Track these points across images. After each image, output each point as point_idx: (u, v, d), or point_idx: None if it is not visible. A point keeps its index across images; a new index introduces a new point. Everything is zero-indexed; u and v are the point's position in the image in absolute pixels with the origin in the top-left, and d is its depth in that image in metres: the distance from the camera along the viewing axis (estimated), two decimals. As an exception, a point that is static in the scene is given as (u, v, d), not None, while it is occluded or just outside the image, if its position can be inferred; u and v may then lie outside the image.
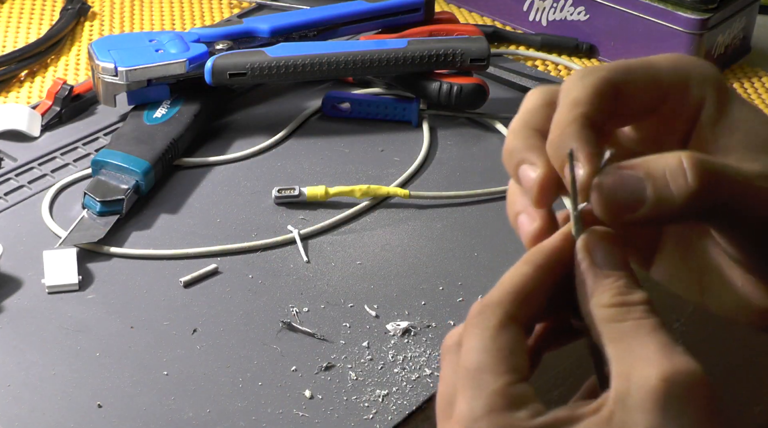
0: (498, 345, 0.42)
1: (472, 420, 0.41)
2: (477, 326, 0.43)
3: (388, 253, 0.90)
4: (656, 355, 0.40)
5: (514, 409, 0.41)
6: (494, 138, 1.04)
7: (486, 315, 0.43)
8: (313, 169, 0.99)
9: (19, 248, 0.88)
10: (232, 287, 0.86)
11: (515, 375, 0.41)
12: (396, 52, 1.01)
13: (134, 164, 0.93)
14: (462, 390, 0.42)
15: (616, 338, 0.41)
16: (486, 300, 0.43)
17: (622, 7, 1.15)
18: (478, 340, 0.42)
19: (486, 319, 0.43)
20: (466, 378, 0.42)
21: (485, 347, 0.42)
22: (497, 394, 0.41)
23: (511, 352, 0.42)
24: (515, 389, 0.41)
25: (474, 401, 0.41)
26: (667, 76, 0.46)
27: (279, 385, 0.77)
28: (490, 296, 0.44)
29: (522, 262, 0.45)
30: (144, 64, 0.99)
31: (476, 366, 0.42)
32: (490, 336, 0.42)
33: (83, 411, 0.75)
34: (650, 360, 0.40)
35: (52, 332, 0.81)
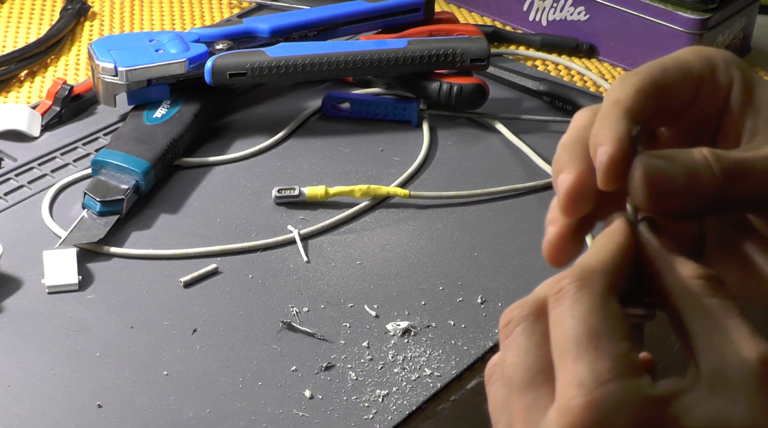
0: (610, 312, 0.41)
1: (599, 382, 0.39)
2: (583, 291, 0.41)
3: (388, 253, 0.90)
4: (751, 338, 0.40)
5: (638, 375, 0.40)
6: (494, 138, 1.04)
7: (592, 281, 0.42)
8: (313, 169, 0.99)
9: (19, 248, 0.88)
10: (232, 287, 0.86)
11: (629, 343, 0.41)
12: (396, 52, 1.01)
13: (134, 164, 0.93)
14: (574, 354, 0.40)
15: (704, 313, 0.41)
16: (586, 268, 0.42)
17: (622, 7, 1.15)
18: (588, 305, 0.41)
19: (594, 284, 0.41)
20: (578, 342, 0.40)
21: (597, 312, 0.41)
22: (621, 358, 0.40)
23: (621, 320, 0.41)
24: (634, 357, 0.40)
25: (598, 363, 0.39)
26: (697, 66, 0.47)
27: (279, 385, 0.77)
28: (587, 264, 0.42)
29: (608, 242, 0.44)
30: (144, 64, 0.99)
31: (592, 330, 0.40)
32: (600, 302, 0.41)
33: (83, 411, 0.75)
34: (746, 341, 0.40)
35: (52, 332, 0.81)
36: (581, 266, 0.42)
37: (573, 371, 0.40)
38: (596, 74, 1.16)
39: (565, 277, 0.42)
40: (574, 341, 0.40)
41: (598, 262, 0.43)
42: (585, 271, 0.42)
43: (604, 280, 0.42)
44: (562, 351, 0.41)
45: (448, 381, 0.78)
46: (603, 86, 1.14)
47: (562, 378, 0.40)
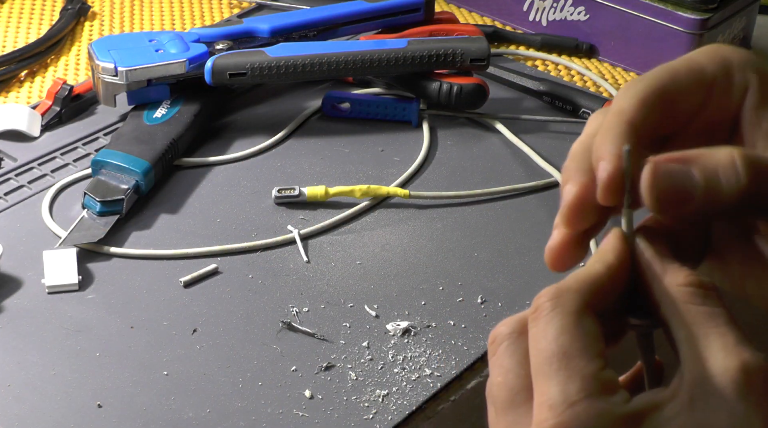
0: (583, 330, 0.41)
1: (568, 404, 0.40)
2: (556, 310, 0.42)
3: (388, 253, 0.90)
4: (735, 346, 0.40)
5: (608, 394, 0.40)
6: (494, 138, 1.04)
7: (565, 300, 0.42)
8: (313, 169, 0.99)
9: (19, 248, 0.88)
10: (232, 287, 0.86)
11: (603, 360, 0.41)
12: (396, 52, 1.01)
13: (134, 164, 0.93)
14: (546, 374, 0.40)
15: (690, 321, 0.41)
16: (559, 287, 0.42)
17: (622, 7, 1.15)
18: (559, 325, 0.41)
19: (566, 303, 0.42)
20: (549, 362, 0.41)
21: (569, 331, 0.41)
22: (592, 378, 0.40)
23: (595, 338, 0.41)
24: (606, 374, 0.40)
25: (567, 385, 0.40)
26: (710, 69, 0.46)
27: (279, 385, 0.77)
28: (564, 283, 0.43)
29: (594, 261, 0.44)
30: (144, 64, 0.99)
31: (563, 351, 0.41)
32: (573, 321, 0.41)
33: (83, 411, 0.75)
34: (729, 349, 0.40)
35: (52, 332, 0.81)
36: (557, 285, 0.43)
37: (545, 392, 0.40)
38: (596, 74, 1.16)
39: (542, 296, 0.42)
40: (547, 361, 0.41)
41: (575, 281, 0.43)
42: (559, 290, 0.42)
43: (578, 298, 0.42)
44: (536, 371, 0.41)
45: (448, 381, 0.78)
46: (603, 86, 1.14)
47: (537, 399, 0.41)
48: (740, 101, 0.46)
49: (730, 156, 0.43)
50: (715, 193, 0.42)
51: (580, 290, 0.42)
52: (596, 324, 0.42)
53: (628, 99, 0.45)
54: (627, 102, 0.45)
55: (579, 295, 0.42)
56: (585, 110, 1.06)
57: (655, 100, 0.45)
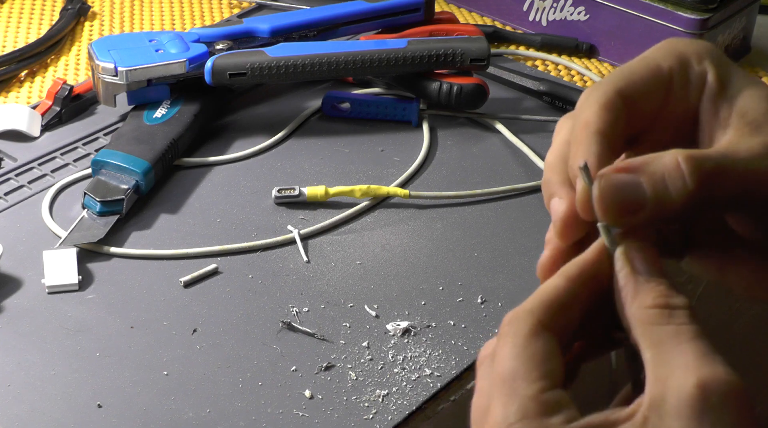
0: (530, 352, 0.42)
1: (506, 425, 0.41)
2: (509, 334, 0.43)
3: (388, 253, 0.90)
4: (695, 362, 0.40)
5: (547, 415, 0.41)
6: (494, 138, 1.04)
7: (518, 323, 0.43)
8: (313, 169, 0.99)
9: (19, 248, 0.88)
10: (232, 287, 0.86)
11: (548, 380, 0.41)
12: (396, 52, 1.01)
13: (134, 164, 0.93)
14: (496, 396, 0.42)
15: (654, 342, 0.41)
16: (517, 309, 0.44)
17: (622, 7, 1.15)
18: (510, 348, 0.42)
19: (517, 327, 0.43)
20: (499, 385, 0.42)
21: (517, 354, 0.42)
22: (530, 399, 0.41)
23: (543, 359, 0.42)
24: (549, 395, 0.41)
25: (507, 407, 0.41)
26: (666, 65, 0.47)
27: (279, 385, 0.77)
28: (521, 305, 0.44)
29: (556, 275, 0.45)
30: (144, 64, 0.99)
31: (509, 373, 0.42)
32: (521, 344, 0.42)
33: (83, 411, 0.75)
34: (688, 367, 0.40)
35: (52, 332, 0.81)
36: (516, 308, 0.44)
37: (492, 414, 0.41)
38: (596, 74, 1.16)
39: (504, 319, 0.43)
40: (498, 384, 0.42)
41: (530, 301, 0.44)
42: (515, 312, 0.43)
43: (529, 319, 0.43)
44: (490, 394, 0.42)
45: (448, 381, 0.78)
46: (603, 86, 1.14)
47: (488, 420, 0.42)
48: (699, 94, 0.47)
49: (674, 161, 0.43)
50: (664, 200, 0.43)
51: (532, 310, 0.43)
52: (549, 342, 0.42)
53: (591, 107, 0.46)
54: (590, 111, 0.46)
55: (531, 316, 0.43)
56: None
57: (617, 104, 0.46)
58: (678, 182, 0.43)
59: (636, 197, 0.43)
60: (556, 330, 0.43)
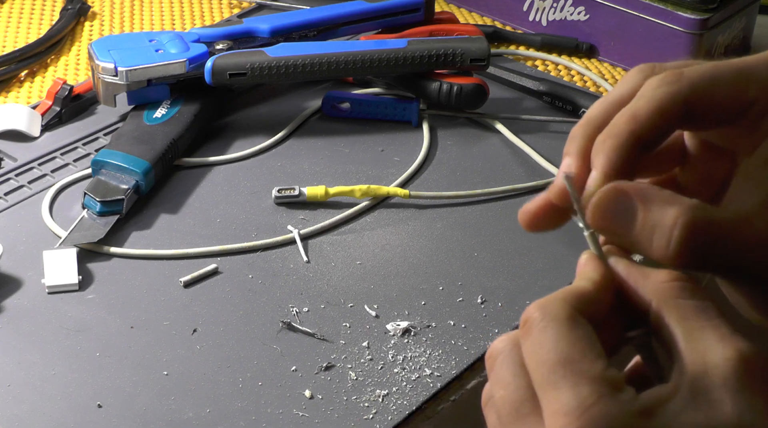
0: (577, 335, 0.41)
1: (584, 408, 0.39)
2: (545, 320, 0.42)
3: (388, 253, 0.90)
4: (731, 337, 0.40)
5: (617, 392, 0.40)
6: (494, 138, 1.04)
7: (554, 309, 0.42)
8: (313, 169, 0.99)
9: (19, 248, 0.88)
10: (232, 287, 0.86)
11: (605, 360, 0.41)
12: (396, 52, 1.01)
13: (134, 164, 0.93)
14: (553, 383, 0.40)
15: (682, 316, 0.41)
16: (546, 299, 0.43)
17: (622, 7, 1.15)
18: (553, 332, 0.41)
19: (555, 312, 0.42)
20: (553, 371, 0.40)
21: (563, 337, 0.41)
22: (600, 380, 0.40)
23: (591, 340, 0.41)
24: (611, 373, 0.40)
25: (578, 389, 0.40)
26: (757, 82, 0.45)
27: (279, 385, 0.77)
28: (549, 297, 0.43)
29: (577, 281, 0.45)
30: (144, 64, 0.99)
31: (564, 357, 0.40)
32: (566, 327, 0.41)
33: (83, 411, 0.75)
34: (727, 341, 0.40)
35: (52, 332, 0.81)
36: (543, 298, 0.43)
37: (557, 400, 0.40)
38: (596, 74, 1.16)
39: (529, 309, 0.43)
40: (550, 370, 0.41)
41: (560, 293, 0.43)
42: (546, 300, 0.43)
43: (565, 306, 0.42)
44: (540, 381, 0.41)
45: (448, 381, 0.78)
46: (603, 86, 1.14)
47: (548, 409, 0.40)
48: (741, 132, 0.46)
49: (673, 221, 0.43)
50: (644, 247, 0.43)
51: (566, 298, 0.43)
52: (587, 326, 0.42)
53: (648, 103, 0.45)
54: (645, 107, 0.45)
55: (566, 303, 0.42)
56: (585, 110, 1.06)
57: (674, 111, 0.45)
58: (662, 241, 0.43)
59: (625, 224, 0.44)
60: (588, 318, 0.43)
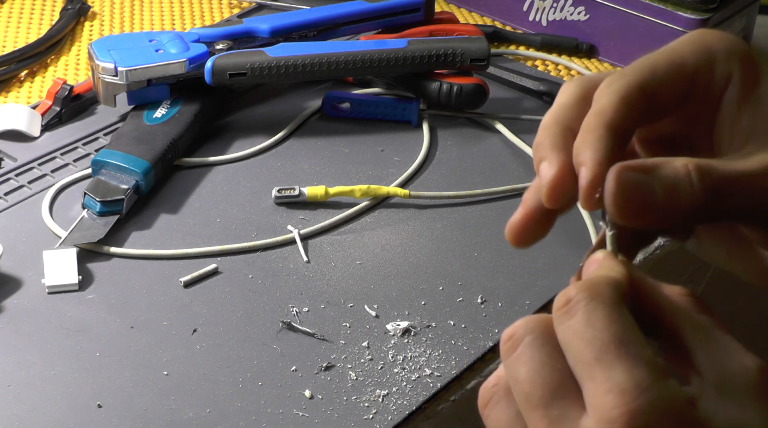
0: (626, 318, 0.40)
1: (640, 389, 0.38)
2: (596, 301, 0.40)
3: (388, 253, 0.90)
4: (746, 351, 0.40)
5: (668, 377, 0.39)
6: (494, 138, 1.04)
7: (602, 292, 0.41)
8: (313, 169, 0.99)
9: (19, 248, 0.88)
10: (232, 287, 0.86)
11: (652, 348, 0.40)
12: (396, 52, 1.01)
13: (134, 164, 0.93)
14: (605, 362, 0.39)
15: (699, 327, 0.41)
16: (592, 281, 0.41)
17: (622, 7, 1.15)
18: (604, 314, 0.40)
19: (604, 295, 0.41)
20: (606, 350, 0.39)
21: (616, 319, 0.40)
22: (654, 363, 0.39)
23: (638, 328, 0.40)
24: (661, 360, 0.40)
25: (634, 370, 0.39)
26: (692, 60, 0.46)
27: (279, 385, 0.77)
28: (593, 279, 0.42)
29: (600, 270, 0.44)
30: (144, 64, 0.99)
31: (618, 338, 0.39)
32: (617, 311, 0.40)
33: (83, 411, 0.75)
34: (744, 354, 0.40)
35: (52, 332, 0.81)
36: (585, 281, 0.42)
37: (609, 380, 0.39)
38: (596, 74, 1.16)
39: (571, 290, 0.41)
40: (602, 350, 0.39)
41: (602, 277, 0.42)
42: (592, 284, 0.41)
43: (613, 291, 0.41)
44: (588, 361, 0.39)
45: (448, 381, 0.78)
46: (603, 86, 1.14)
47: (596, 388, 0.39)
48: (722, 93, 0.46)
49: (685, 168, 0.43)
50: (673, 204, 0.43)
51: (611, 283, 0.41)
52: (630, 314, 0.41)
53: (609, 97, 0.45)
54: (608, 100, 0.45)
55: (613, 287, 0.41)
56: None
57: (637, 100, 0.45)
58: (687, 188, 0.42)
59: (648, 198, 0.43)
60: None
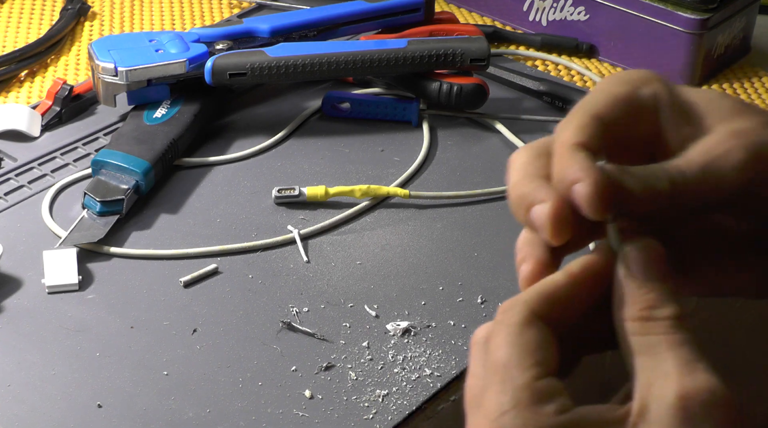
0: (523, 340, 0.42)
1: (500, 413, 0.41)
2: (503, 322, 0.43)
3: (388, 253, 0.90)
4: (676, 371, 0.40)
5: (540, 403, 0.41)
6: (494, 138, 1.04)
7: (513, 312, 0.43)
8: (313, 169, 0.99)
9: (19, 248, 0.88)
10: (232, 287, 0.86)
11: (541, 368, 0.42)
12: (396, 52, 1.01)
13: (134, 164, 0.93)
14: (490, 384, 0.42)
15: (639, 350, 0.42)
16: (513, 298, 0.44)
17: (622, 7, 1.15)
18: (504, 335, 0.43)
19: (512, 315, 0.43)
20: (494, 372, 0.42)
21: (511, 341, 0.43)
22: (524, 388, 0.41)
23: (536, 347, 0.42)
24: (541, 383, 0.41)
25: (501, 395, 0.41)
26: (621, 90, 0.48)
27: (279, 385, 0.77)
28: (518, 295, 0.44)
29: (558, 271, 0.45)
30: (144, 64, 0.99)
31: (503, 361, 0.42)
32: (516, 332, 0.43)
33: (83, 411, 0.75)
34: (670, 376, 0.40)
35: (52, 332, 0.81)
36: (512, 298, 0.44)
37: (486, 401, 0.42)
38: (596, 74, 1.16)
39: (501, 306, 0.44)
40: (492, 372, 0.42)
41: (527, 292, 0.44)
42: (510, 300, 0.44)
43: (524, 309, 0.43)
44: (485, 381, 0.43)
45: (448, 381, 0.78)
46: (603, 86, 1.14)
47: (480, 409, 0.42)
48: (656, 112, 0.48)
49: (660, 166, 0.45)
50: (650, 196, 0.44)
51: (528, 300, 0.44)
52: (542, 331, 0.43)
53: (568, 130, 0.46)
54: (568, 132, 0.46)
55: (526, 306, 0.43)
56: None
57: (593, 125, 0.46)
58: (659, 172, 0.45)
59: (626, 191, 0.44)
60: (551, 321, 0.43)
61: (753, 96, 1.15)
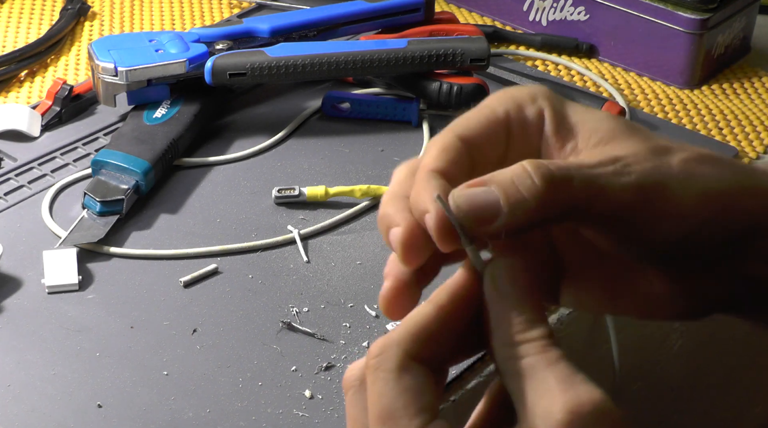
0: (402, 387, 0.42)
1: None
2: (378, 368, 0.42)
3: (388, 253, 0.89)
4: (557, 388, 0.40)
5: None
6: (494, 138, 1.04)
7: (387, 356, 0.42)
8: (313, 169, 0.99)
9: (19, 248, 0.88)
10: (232, 287, 0.86)
11: (427, 414, 0.41)
12: (396, 52, 1.01)
13: (134, 164, 0.93)
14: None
15: (515, 374, 0.41)
16: (385, 340, 0.43)
17: (622, 7, 1.15)
18: (382, 383, 0.42)
19: (387, 360, 0.42)
20: (380, 422, 0.42)
21: (390, 389, 0.42)
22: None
23: (417, 392, 0.42)
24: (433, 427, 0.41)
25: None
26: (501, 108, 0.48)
27: (279, 385, 0.77)
28: (389, 336, 0.43)
29: (426, 302, 0.45)
30: (144, 64, 0.99)
31: (387, 411, 0.41)
32: (393, 378, 0.42)
33: (83, 411, 0.75)
34: (552, 394, 0.40)
35: (52, 332, 0.81)
36: (383, 339, 0.43)
37: None
38: (596, 74, 1.16)
39: (371, 351, 0.43)
40: (375, 420, 0.42)
41: (398, 332, 0.43)
42: (383, 345, 0.43)
43: (398, 352, 0.42)
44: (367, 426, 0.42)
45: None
46: (603, 86, 1.14)
47: None
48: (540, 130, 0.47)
49: (520, 167, 0.44)
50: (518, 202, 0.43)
51: (401, 342, 0.43)
52: (420, 374, 0.42)
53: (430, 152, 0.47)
54: (429, 155, 0.46)
55: (400, 348, 0.42)
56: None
57: (456, 146, 0.46)
58: (527, 181, 0.43)
59: (491, 204, 0.43)
60: (426, 360, 0.43)
61: (753, 96, 1.15)
